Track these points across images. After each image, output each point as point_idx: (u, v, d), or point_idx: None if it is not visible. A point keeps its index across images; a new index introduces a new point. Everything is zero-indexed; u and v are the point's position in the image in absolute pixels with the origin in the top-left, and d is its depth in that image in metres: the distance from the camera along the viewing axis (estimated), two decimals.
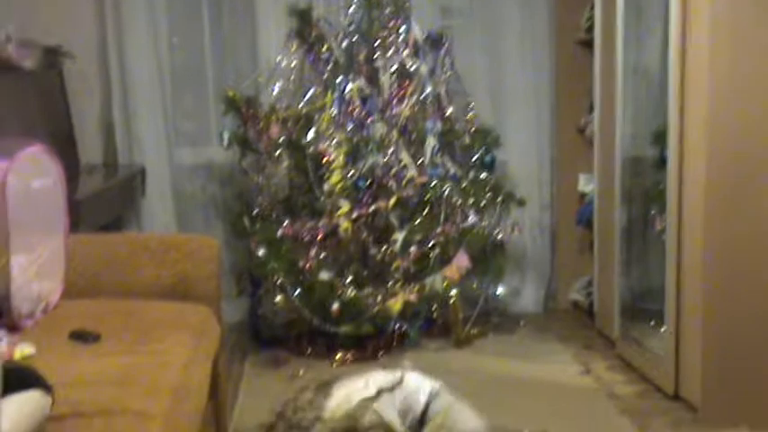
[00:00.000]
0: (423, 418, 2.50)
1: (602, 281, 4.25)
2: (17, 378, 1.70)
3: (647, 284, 4.01)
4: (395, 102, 4.13)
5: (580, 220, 4.63)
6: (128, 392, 2.03)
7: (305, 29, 4.22)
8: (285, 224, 4.02)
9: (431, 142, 4.17)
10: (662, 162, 3.60)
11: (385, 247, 4.04)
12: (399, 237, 4.04)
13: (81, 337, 2.46)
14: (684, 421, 3.23)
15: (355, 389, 2.54)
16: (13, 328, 2.50)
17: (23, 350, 2.23)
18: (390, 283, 4.04)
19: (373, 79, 4.16)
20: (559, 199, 4.78)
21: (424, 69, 4.20)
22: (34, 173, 2.65)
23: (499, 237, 4.27)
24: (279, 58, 4.27)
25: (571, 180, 4.72)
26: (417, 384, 2.58)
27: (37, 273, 2.64)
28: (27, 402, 1.68)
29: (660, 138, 3.66)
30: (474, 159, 4.31)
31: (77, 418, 1.88)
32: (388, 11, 4.17)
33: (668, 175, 3.42)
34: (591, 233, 4.49)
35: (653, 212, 3.83)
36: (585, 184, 4.61)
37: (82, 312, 2.71)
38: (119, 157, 4.49)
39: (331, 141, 4.00)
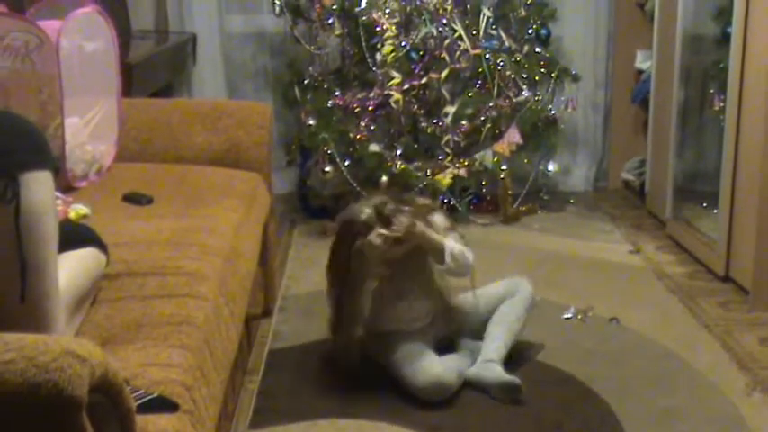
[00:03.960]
0: None
1: (656, 161, 4.18)
2: (74, 236, 1.73)
3: (700, 166, 3.94)
4: None
5: (635, 98, 4.54)
6: (181, 254, 2.06)
7: None
8: (336, 94, 3.99)
9: (486, 13, 4.08)
10: (724, 39, 3.49)
11: (436, 121, 4.01)
12: (451, 110, 3.99)
13: (134, 199, 2.49)
14: (734, 302, 3.22)
15: None
16: (68, 189, 2.53)
17: (78, 210, 2.26)
18: (440, 157, 4.02)
19: None
20: (615, 76, 4.67)
21: None
22: (87, 35, 2.64)
23: (552, 113, 4.21)
24: None
25: (628, 57, 4.59)
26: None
27: (90, 135, 2.66)
28: (84, 258, 1.71)
29: (724, 13, 3.53)
30: (529, 33, 4.21)
31: (132, 277, 1.91)
32: None
33: (731, 53, 3.31)
34: (646, 112, 4.40)
35: (712, 92, 3.74)
36: (643, 61, 4.50)
37: (135, 176, 2.74)
38: (170, 24, 4.45)
39: (384, 10, 3.93)
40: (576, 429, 2.38)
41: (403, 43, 3.92)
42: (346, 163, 3.90)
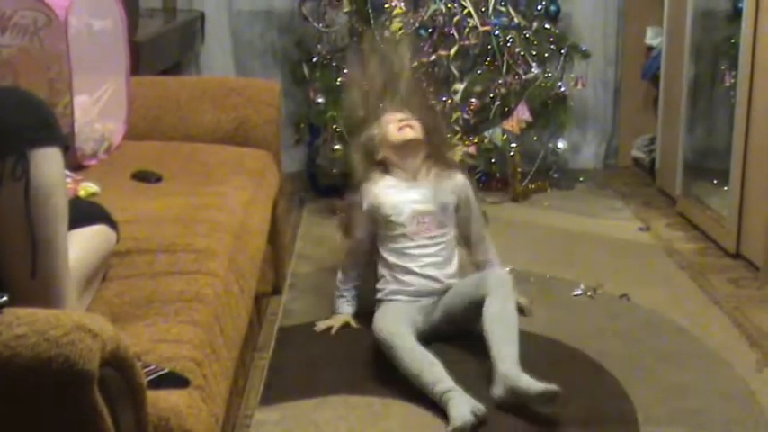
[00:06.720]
0: None
1: (666, 138, 4.17)
2: (83, 213, 1.73)
3: (711, 143, 3.92)
4: None
5: (645, 75, 4.51)
6: (190, 231, 2.06)
7: None
8: (345, 72, 3.98)
9: None
10: (736, 14, 3.46)
11: (445, 98, 3.99)
12: (460, 87, 3.97)
13: (143, 177, 2.49)
14: (745, 279, 3.21)
15: None
16: (78, 167, 2.53)
17: (88, 188, 2.27)
18: (449, 134, 4.01)
19: None
20: (625, 52, 4.65)
21: None
22: (95, 13, 2.64)
23: (562, 90, 4.19)
24: None
25: (638, 33, 4.57)
26: None
27: (99, 113, 2.66)
28: (93, 236, 1.71)
29: None
30: (538, 9, 4.19)
31: (142, 254, 1.91)
32: None
33: (742, 28, 3.29)
34: (656, 89, 4.38)
35: (723, 68, 3.71)
36: (653, 38, 4.47)
37: (144, 154, 2.74)
38: (178, 2, 4.44)
39: None
40: (586, 405, 2.38)
41: (411, 20, 3.90)
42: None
